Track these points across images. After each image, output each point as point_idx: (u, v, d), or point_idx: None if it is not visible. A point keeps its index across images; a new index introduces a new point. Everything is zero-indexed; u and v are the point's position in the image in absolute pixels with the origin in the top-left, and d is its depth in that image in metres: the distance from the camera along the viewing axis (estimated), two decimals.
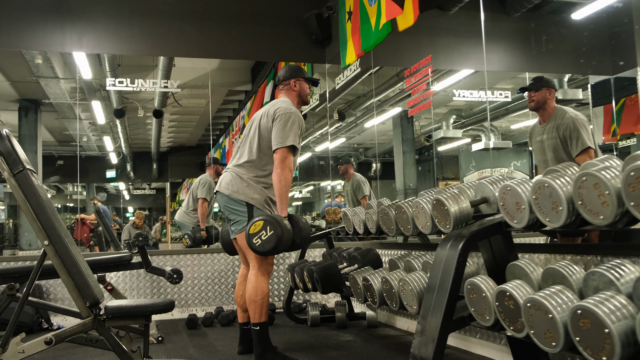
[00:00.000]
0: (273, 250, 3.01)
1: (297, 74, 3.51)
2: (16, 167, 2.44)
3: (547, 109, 3.86)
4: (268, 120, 3.30)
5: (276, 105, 3.34)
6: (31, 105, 11.74)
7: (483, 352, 3.23)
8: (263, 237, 2.99)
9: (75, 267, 2.51)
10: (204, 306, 5.33)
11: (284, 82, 3.50)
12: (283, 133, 3.21)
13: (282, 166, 3.18)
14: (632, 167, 1.75)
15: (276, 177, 3.19)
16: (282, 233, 2.99)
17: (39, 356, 3.47)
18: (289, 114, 3.26)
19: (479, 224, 2.48)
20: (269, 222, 3.00)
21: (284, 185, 3.18)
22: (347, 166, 7.10)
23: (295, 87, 3.48)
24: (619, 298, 1.75)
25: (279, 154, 3.21)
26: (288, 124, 3.23)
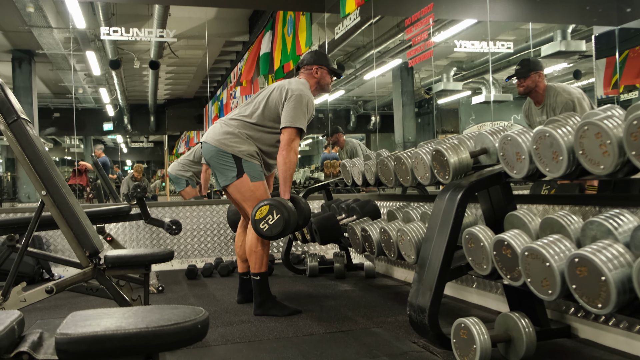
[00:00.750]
0: (281, 234, 3.02)
1: (322, 61, 3.45)
2: (10, 116, 2.41)
3: (538, 91, 3.85)
4: (281, 95, 3.24)
5: (292, 84, 3.29)
6: (25, 56, 11.56)
7: (479, 301, 3.28)
8: (270, 222, 2.99)
9: (73, 217, 2.51)
10: (203, 257, 5.38)
11: (307, 66, 3.44)
12: (294, 113, 3.17)
13: (288, 148, 3.16)
14: (635, 115, 1.72)
15: (281, 159, 3.16)
16: (289, 216, 3.00)
17: (41, 305, 3.52)
18: (303, 96, 3.22)
19: (478, 175, 2.48)
20: (275, 206, 3.00)
21: (288, 168, 3.16)
22: (336, 136, 7.01)
23: (317, 74, 3.43)
24: (617, 246, 1.75)
25: (287, 135, 3.17)
26: (301, 106, 3.19)
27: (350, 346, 2.51)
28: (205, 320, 1.18)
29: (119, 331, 1.10)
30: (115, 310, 1.26)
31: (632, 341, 2.25)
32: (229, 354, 2.45)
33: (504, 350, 2.25)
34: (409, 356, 2.33)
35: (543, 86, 3.84)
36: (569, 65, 11.46)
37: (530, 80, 3.82)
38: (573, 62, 10.28)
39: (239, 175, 3.21)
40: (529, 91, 3.87)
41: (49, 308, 3.59)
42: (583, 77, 11.66)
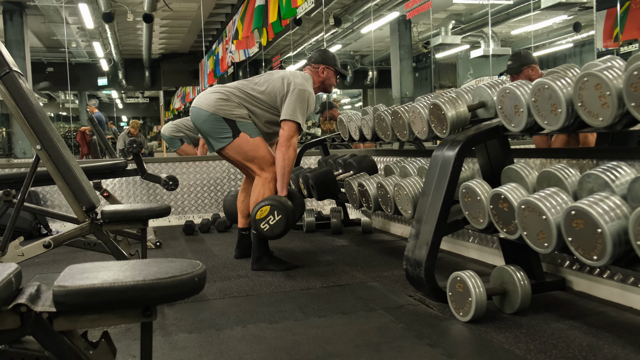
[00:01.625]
0: (282, 234, 3.03)
1: (329, 61, 3.43)
2: (2, 69, 2.36)
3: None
4: (283, 85, 3.21)
5: (297, 78, 3.25)
6: (16, 8, 11.31)
7: (475, 255, 3.31)
8: (271, 222, 2.99)
9: (69, 171, 2.50)
10: (200, 213, 5.39)
11: (314, 64, 3.42)
12: (295, 107, 3.15)
13: (287, 144, 3.13)
14: (635, 66, 1.70)
15: (280, 155, 3.13)
16: (290, 216, 3.00)
17: (39, 260, 3.54)
18: (306, 92, 3.19)
19: (476, 128, 2.46)
20: (276, 207, 2.99)
21: (287, 165, 3.15)
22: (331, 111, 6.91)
23: (323, 73, 3.42)
24: (613, 199, 1.75)
25: (287, 129, 3.14)
26: (302, 103, 3.18)
27: (347, 300, 2.54)
28: (202, 273, 1.18)
29: (116, 283, 1.10)
30: (113, 264, 1.26)
31: (626, 293, 2.28)
32: (227, 307, 2.48)
33: (499, 303, 2.28)
34: (405, 309, 2.36)
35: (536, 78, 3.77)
36: (569, 17, 11.30)
37: (522, 76, 3.76)
38: (573, 14, 10.13)
39: (236, 135, 3.17)
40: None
41: (47, 263, 3.62)
42: (583, 29, 11.50)
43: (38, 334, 1.16)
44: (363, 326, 2.16)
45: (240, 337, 2.08)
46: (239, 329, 2.17)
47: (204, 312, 2.42)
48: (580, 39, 12.44)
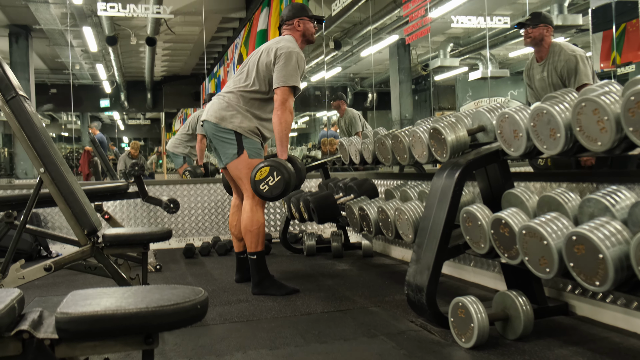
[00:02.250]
0: (281, 195, 3.00)
1: (301, 12, 3.38)
2: (9, 93, 2.39)
3: (544, 45, 3.79)
4: (269, 57, 3.19)
5: (279, 43, 3.22)
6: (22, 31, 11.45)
7: (477, 279, 3.30)
8: (270, 183, 2.97)
9: (72, 194, 2.51)
10: (201, 236, 5.39)
11: (287, 22, 3.37)
12: (285, 72, 3.12)
13: (282, 108, 3.11)
14: (632, 91, 1.72)
15: (276, 119, 3.12)
16: (289, 177, 2.98)
17: (39, 283, 3.53)
18: (291, 52, 3.15)
19: (476, 153, 2.47)
20: (276, 167, 2.97)
21: (284, 128, 3.12)
22: (339, 102, 7.00)
23: (299, 27, 3.36)
24: (614, 224, 1.76)
25: (280, 94, 3.12)
26: (291, 63, 3.13)
27: (348, 325, 2.53)
28: (205, 300, 1.19)
29: (119, 311, 1.10)
30: (115, 290, 1.26)
31: (630, 318, 2.27)
32: (227, 333, 2.47)
33: (501, 329, 2.27)
34: (406, 335, 2.35)
35: (549, 41, 3.79)
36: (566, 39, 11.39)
37: (537, 32, 3.76)
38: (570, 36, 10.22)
39: (239, 153, 3.19)
40: (535, 43, 3.80)
41: (47, 285, 3.61)
42: None
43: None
44: (364, 353, 2.15)
45: None
46: (239, 355, 2.16)
47: (204, 337, 2.41)
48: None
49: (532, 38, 3.77)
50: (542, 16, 3.79)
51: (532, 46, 3.83)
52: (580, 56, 3.66)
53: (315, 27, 3.43)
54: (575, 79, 3.61)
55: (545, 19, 3.79)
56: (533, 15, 3.80)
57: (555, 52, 3.73)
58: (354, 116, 6.93)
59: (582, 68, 3.61)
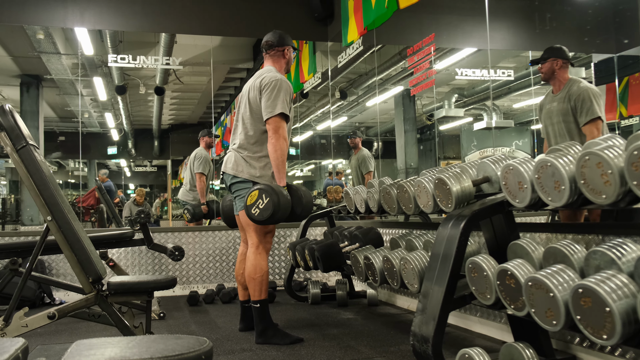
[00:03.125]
0: (271, 218, 2.99)
1: (288, 41, 3.49)
2: (19, 142, 2.44)
3: (558, 78, 3.82)
4: (256, 93, 3.27)
5: (262, 75, 3.30)
6: (33, 80, 11.69)
7: (483, 330, 3.26)
8: (260, 206, 2.98)
9: (78, 242, 2.52)
10: (205, 283, 5.36)
11: (277, 47, 3.44)
12: (271, 102, 3.18)
13: (276, 136, 3.16)
14: (635, 146, 1.74)
15: (271, 147, 3.17)
16: (279, 199, 2.97)
17: (41, 330, 3.51)
18: (275, 81, 3.22)
19: (481, 203, 2.48)
20: (264, 190, 2.99)
21: (280, 155, 3.16)
22: (357, 139, 7.12)
23: (287, 54, 3.47)
24: (620, 277, 1.75)
25: (272, 124, 3.18)
26: (274, 92, 3.19)
27: None
28: (209, 351, 1.18)
29: None
30: (120, 340, 1.26)
31: None
32: None
33: None
34: None
35: (565, 76, 3.82)
36: None
37: (546, 66, 3.81)
38: None
39: None
40: (548, 78, 3.85)
41: (49, 333, 3.58)
42: None
43: None
44: None
45: None
46: None
47: None
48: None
49: (544, 73, 3.83)
50: (552, 50, 3.85)
51: (546, 80, 3.88)
52: (595, 91, 3.70)
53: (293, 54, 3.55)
54: (588, 111, 3.61)
55: (554, 52, 3.83)
56: (544, 51, 3.87)
57: (572, 85, 3.76)
58: (367, 157, 7.01)
59: (595, 102, 3.62)
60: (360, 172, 6.98)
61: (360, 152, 7.12)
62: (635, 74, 6.10)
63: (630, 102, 6.16)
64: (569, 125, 3.73)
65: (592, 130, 3.59)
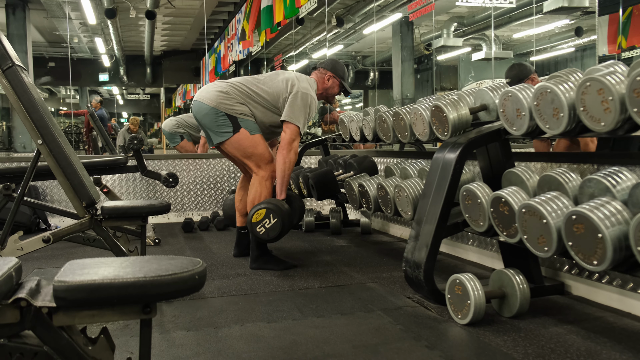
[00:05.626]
0: (278, 237, 3.01)
1: (338, 72, 3.42)
2: (5, 62, 2.36)
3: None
4: (286, 86, 3.19)
5: (302, 82, 3.24)
6: (18, 2, 11.32)
7: (475, 258, 3.31)
8: (267, 226, 2.98)
9: (70, 167, 2.50)
10: (199, 211, 5.39)
11: (322, 69, 3.41)
12: (298, 111, 3.14)
13: (288, 148, 3.12)
14: (638, 71, 1.70)
15: (281, 158, 3.12)
16: (286, 219, 2.99)
17: (37, 254, 3.54)
18: (308, 96, 3.19)
19: (478, 131, 2.46)
20: (272, 210, 2.98)
21: (287, 168, 3.14)
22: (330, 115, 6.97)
23: (328, 81, 3.41)
24: (615, 204, 1.75)
25: (289, 132, 3.13)
26: (305, 107, 3.16)
27: (345, 300, 2.54)
28: (203, 271, 1.18)
29: (116, 280, 1.10)
30: (113, 260, 1.26)
31: (625, 298, 2.28)
32: (225, 305, 2.48)
33: (497, 306, 2.28)
34: (403, 311, 2.36)
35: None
36: (571, 22, 11.31)
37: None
38: (575, 19, 10.13)
39: (236, 130, 3.15)
40: None
41: (46, 257, 3.62)
42: (585, 34, 11.52)
43: (37, 329, 1.16)
44: (361, 327, 2.16)
45: (238, 336, 2.08)
46: (237, 328, 2.17)
47: (202, 310, 2.41)
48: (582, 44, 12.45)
49: None
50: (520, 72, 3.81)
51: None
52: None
53: (340, 93, 3.51)
54: None
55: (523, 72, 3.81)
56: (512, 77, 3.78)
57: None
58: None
59: None
60: None
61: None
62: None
63: (631, 32, 6.03)
64: None
65: None
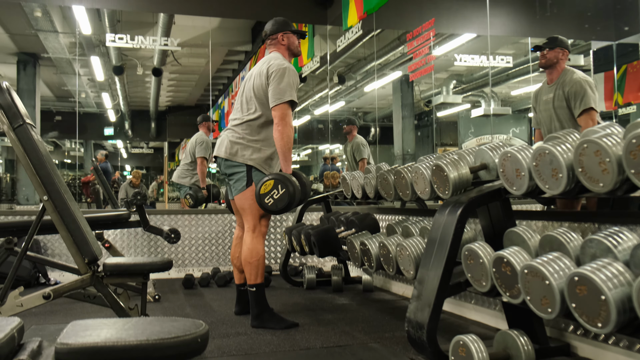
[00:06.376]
0: (286, 208, 3.00)
1: (285, 27, 3.43)
2: (16, 120, 2.42)
3: (557, 68, 3.81)
4: (262, 79, 3.24)
5: (269, 62, 3.27)
6: (30, 59, 11.61)
7: (478, 317, 3.27)
8: (275, 196, 2.98)
9: (74, 223, 2.51)
10: (200, 266, 5.37)
11: (272, 36, 3.42)
12: (280, 89, 3.16)
13: (282, 123, 3.14)
14: (634, 134, 1.74)
15: (278, 134, 3.15)
16: (294, 191, 2.99)
17: (36, 310, 3.50)
18: (282, 69, 3.20)
19: (478, 191, 2.48)
20: (280, 180, 2.99)
21: (286, 142, 3.15)
22: (352, 127, 7.12)
23: (284, 40, 3.41)
24: (616, 265, 1.75)
25: (278, 111, 3.16)
26: (284, 80, 3.17)
27: None
28: (205, 334, 1.18)
29: (119, 343, 1.10)
30: (116, 321, 1.26)
31: None
32: None
33: None
34: None
35: (563, 66, 3.81)
36: None
37: (553, 54, 3.78)
38: None
39: (248, 185, 3.23)
40: (549, 65, 3.82)
41: (44, 313, 3.58)
42: None
43: None
44: None
45: None
46: None
47: None
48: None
49: (547, 59, 3.79)
50: (560, 40, 3.83)
51: (546, 67, 3.84)
52: (589, 81, 3.69)
53: (298, 40, 3.50)
54: (582, 102, 3.62)
55: (562, 42, 3.82)
56: (550, 39, 3.84)
57: (566, 75, 3.75)
58: (361, 144, 7.01)
59: (590, 93, 3.62)
60: (354, 159, 6.99)
61: (354, 139, 7.11)
62: (634, 62, 6.09)
63: (626, 90, 6.16)
64: (564, 116, 3.73)
65: (587, 121, 3.59)
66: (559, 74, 3.80)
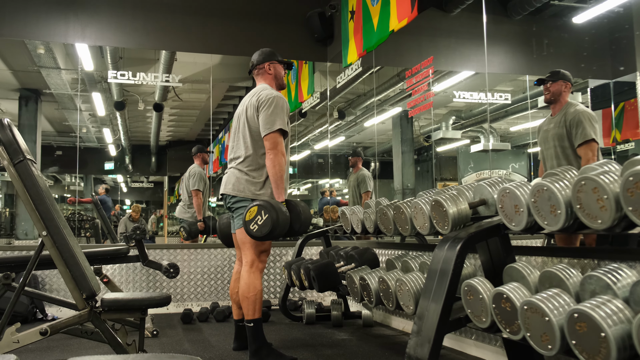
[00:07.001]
0: (270, 235, 2.98)
1: (271, 57, 3.47)
2: (17, 156, 2.44)
3: (560, 101, 3.87)
4: (253, 111, 3.28)
5: (258, 93, 3.31)
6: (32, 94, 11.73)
7: (478, 353, 3.24)
8: (259, 222, 2.97)
9: (72, 258, 2.51)
10: (199, 301, 5.33)
11: (258, 66, 3.46)
12: (270, 118, 3.19)
13: (274, 151, 3.17)
14: (631, 172, 1.75)
15: (269, 162, 3.18)
16: (277, 216, 2.97)
17: (33, 346, 3.47)
18: (272, 98, 3.23)
19: (477, 226, 2.48)
20: (263, 206, 2.99)
21: (278, 170, 3.17)
22: (357, 159, 7.16)
23: (270, 70, 3.45)
24: (616, 302, 1.75)
25: (270, 140, 3.19)
26: (271, 108, 3.21)
27: None
28: None
29: None
30: (113, 358, 1.25)
31: None
32: None
33: None
34: None
35: (566, 98, 3.87)
36: None
37: (556, 87, 3.84)
38: None
39: None
40: (553, 99, 3.87)
41: (41, 349, 3.54)
42: None
43: None
44: None
45: None
46: None
47: None
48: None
49: (551, 93, 3.85)
50: (562, 73, 3.90)
51: (550, 102, 3.90)
52: (590, 114, 3.75)
53: (285, 71, 3.53)
54: (582, 133, 3.65)
55: (564, 75, 3.89)
56: (552, 73, 3.90)
57: (569, 107, 3.81)
58: (366, 176, 7.03)
59: (589, 125, 3.66)
60: (358, 191, 7.00)
61: (359, 171, 7.15)
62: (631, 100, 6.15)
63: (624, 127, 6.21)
64: (565, 148, 3.76)
65: (586, 152, 3.62)
66: (562, 106, 3.85)
